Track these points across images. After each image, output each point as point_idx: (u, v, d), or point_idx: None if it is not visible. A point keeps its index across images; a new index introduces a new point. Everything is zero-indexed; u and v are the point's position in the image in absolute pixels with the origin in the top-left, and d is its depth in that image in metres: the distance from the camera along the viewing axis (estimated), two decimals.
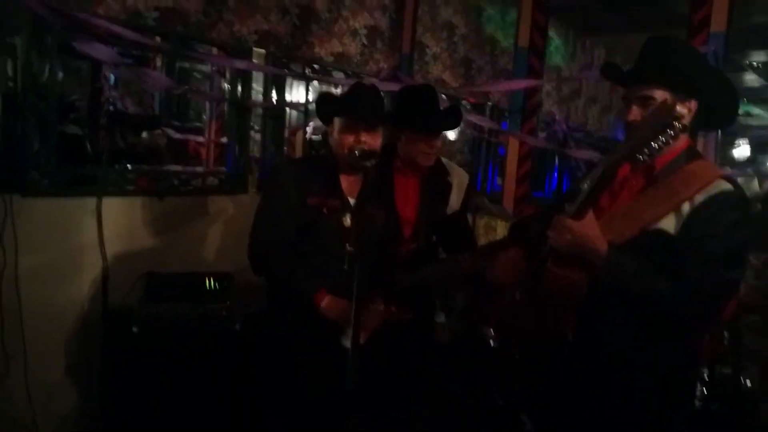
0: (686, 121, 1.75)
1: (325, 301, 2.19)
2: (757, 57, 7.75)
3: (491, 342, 2.48)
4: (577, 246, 1.66)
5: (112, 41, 3.00)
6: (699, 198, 1.66)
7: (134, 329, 2.64)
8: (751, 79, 8.72)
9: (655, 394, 1.78)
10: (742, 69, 8.14)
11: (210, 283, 2.92)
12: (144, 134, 4.01)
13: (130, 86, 4.30)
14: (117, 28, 2.93)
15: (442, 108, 2.77)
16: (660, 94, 1.71)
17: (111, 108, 3.92)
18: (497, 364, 2.78)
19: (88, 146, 3.48)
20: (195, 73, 4.72)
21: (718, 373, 2.53)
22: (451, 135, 5.20)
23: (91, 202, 2.83)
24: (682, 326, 1.77)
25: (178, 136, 4.41)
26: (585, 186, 1.65)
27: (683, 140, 1.79)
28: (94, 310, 2.97)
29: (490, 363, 2.78)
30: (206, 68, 4.22)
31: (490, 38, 5.89)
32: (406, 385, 2.55)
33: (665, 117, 1.50)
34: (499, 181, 5.32)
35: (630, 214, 1.73)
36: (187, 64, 4.57)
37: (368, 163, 2.18)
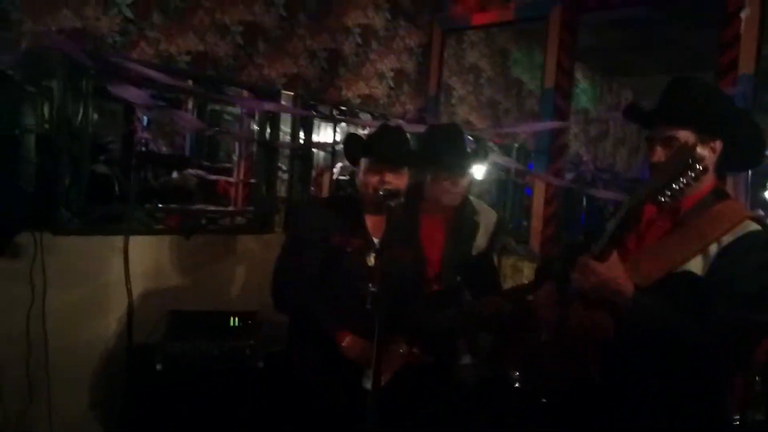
0: (710, 161, 1.73)
1: (347, 341, 2.19)
2: None
3: (517, 384, 2.42)
4: (602, 288, 1.64)
5: (146, 84, 3.10)
6: (727, 239, 1.64)
7: (158, 367, 2.65)
8: None
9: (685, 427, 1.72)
10: None
11: (234, 321, 2.93)
12: (174, 174, 4.10)
13: (163, 128, 4.42)
14: (150, 72, 3.03)
15: (468, 149, 2.78)
16: (684, 135, 1.70)
17: (143, 149, 4.02)
18: (522, 406, 2.72)
19: (117, 186, 3.56)
20: (225, 115, 4.83)
21: (750, 419, 2.44)
22: (479, 175, 5.21)
23: (118, 240, 2.87)
24: (710, 369, 1.72)
25: (208, 176, 4.49)
26: (609, 227, 1.63)
27: (710, 181, 1.77)
28: (118, 347, 2.99)
29: (515, 405, 2.71)
30: (236, 110, 4.32)
31: (516, 80, 5.95)
32: (428, 428, 2.50)
33: (686, 159, 1.48)
34: (525, 222, 5.28)
35: (656, 256, 1.70)
36: (217, 107, 4.69)
37: (393, 203, 2.20)
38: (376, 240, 2.33)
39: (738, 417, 2.48)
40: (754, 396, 2.64)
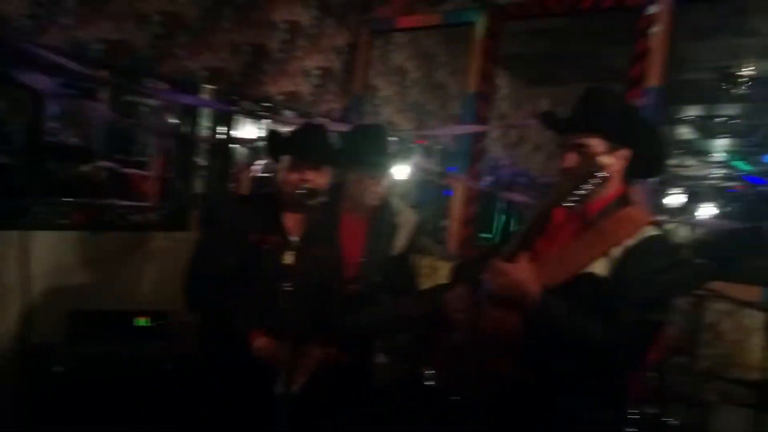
0: (617, 169, 1.82)
1: (260, 342, 2.15)
2: (692, 111, 8.16)
3: (431, 383, 2.46)
4: (511, 289, 1.70)
5: (56, 72, 2.95)
6: (628, 242, 1.72)
7: (55, 369, 2.51)
8: (685, 132, 9.16)
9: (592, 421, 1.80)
10: (677, 122, 8.55)
11: (143, 321, 2.83)
12: (85, 167, 3.91)
13: (74, 118, 4.21)
14: (60, 59, 2.88)
15: (391, 149, 2.80)
16: (593, 143, 1.77)
17: (49, 139, 3.81)
18: (436, 405, 2.76)
19: (17, 178, 3.36)
20: (142, 107, 4.65)
21: (645, 413, 2.58)
22: (401, 176, 5.26)
23: (20, 235, 2.73)
24: (611, 367, 1.81)
25: (121, 169, 4.32)
26: (519, 232, 1.69)
27: (616, 187, 1.85)
28: (14, 348, 2.82)
29: (429, 404, 2.75)
30: (155, 102, 4.18)
31: (440, 84, 6.04)
32: (343, 429, 2.50)
33: (589, 167, 1.55)
34: (445, 222, 5.37)
35: (563, 258, 1.77)
36: (134, 98, 4.51)
37: (312, 202, 2.19)
38: (294, 238, 2.31)
39: (635, 411, 2.62)
40: (650, 392, 2.79)
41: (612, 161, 1.78)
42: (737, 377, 3.27)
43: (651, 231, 1.74)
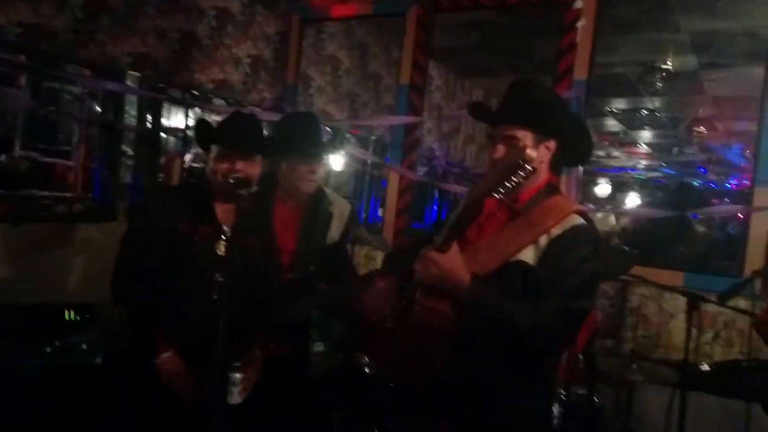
0: (544, 159, 1.86)
1: (165, 356, 2.13)
2: (617, 104, 8.48)
3: (366, 369, 2.47)
4: (442, 279, 1.71)
5: None
6: (555, 231, 1.76)
7: None
8: (612, 124, 9.51)
9: (520, 418, 1.84)
10: (603, 114, 8.86)
11: (69, 315, 2.73)
12: (2, 157, 3.71)
13: None
14: None
15: (324, 136, 2.79)
16: (521, 134, 1.80)
17: None
18: (372, 392, 2.78)
19: None
20: (65, 94, 4.46)
21: (574, 394, 2.67)
22: (337, 167, 5.24)
23: None
24: (538, 352, 1.86)
25: (42, 159, 4.13)
26: (449, 221, 1.71)
27: (544, 177, 1.90)
28: None
29: (365, 391, 2.76)
30: (76, 89, 4.01)
31: (374, 74, 6.04)
32: (282, 420, 2.48)
33: (517, 159, 1.58)
34: (380, 212, 5.40)
35: (493, 247, 1.80)
36: (56, 84, 4.31)
37: (243, 192, 2.15)
38: (225, 228, 2.26)
39: (564, 392, 2.71)
40: (578, 374, 2.90)
41: (539, 153, 1.82)
42: (661, 358, 3.43)
43: (576, 220, 1.79)
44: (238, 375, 2.15)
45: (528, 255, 1.76)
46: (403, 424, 2.19)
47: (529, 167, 1.57)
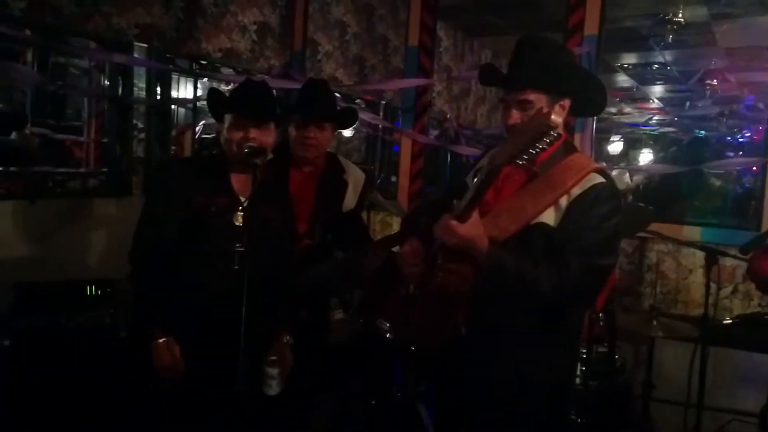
0: (561, 118, 1.84)
1: (158, 343, 2.11)
2: (628, 59, 8.33)
3: (387, 335, 2.49)
4: (463, 245, 1.70)
5: None
6: (575, 191, 1.74)
7: (5, 342, 2.44)
8: (622, 79, 9.36)
9: (544, 379, 1.85)
10: (614, 70, 8.72)
11: (91, 290, 2.75)
12: (13, 134, 3.71)
13: None
14: None
15: (329, 98, 2.75)
16: (536, 97, 1.78)
17: None
18: (394, 356, 2.80)
19: None
20: (71, 69, 4.42)
21: (594, 352, 2.69)
22: (347, 133, 5.22)
23: None
24: (563, 313, 1.86)
25: (54, 135, 4.12)
26: (470, 189, 1.69)
27: (560, 136, 1.87)
28: None
29: (386, 356, 2.80)
30: (84, 63, 3.98)
31: (382, 37, 5.95)
32: (304, 386, 2.51)
33: (541, 126, 1.56)
34: (394, 177, 5.38)
35: (513, 210, 1.79)
36: (62, 59, 4.28)
37: (258, 161, 2.14)
38: (242, 198, 2.26)
39: (585, 351, 2.72)
40: (598, 332, 2.91)
41: (559, 117, 1.80)
42: (680, 313, 3.44)
43: (596, 179, 1.77)
44: (275, 369, 2.16)
45: (549, 216, 1.75)
46: (423, 388, 2.21)
47: (554, 134, 1.55)
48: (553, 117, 1.62)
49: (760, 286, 2.62)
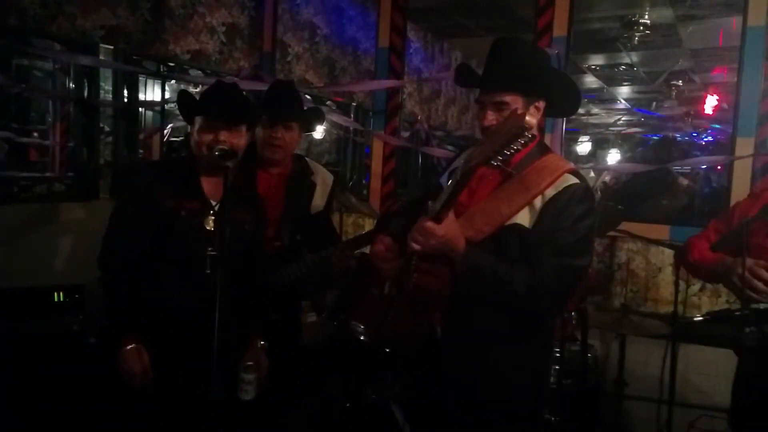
0: (536, 119, 1.85)
1: (127, 350, 2.08)
2: (596, 60, 8.45)
3: (362, 337, 2.47)
4: (440, 248, 1.70)
5: None
6: (549, 192, 1.75)
7: None
8: (590, 80, 9.49)
9: (520, 378, 1.87)
10: (582, 72, 8.83)
11: (58, 296, 2.69)
12: None
13: None
14: None
15: (293, 99, 2.75)
16: (511, 99, 1.79)
17: None
18: (368, 358, 2.79)
19: None
20: (35, 71, 4.32)
21: (567, 350, 2.71)
22: (318, 135, 5.19)
23: None
24: (538, 313, 1.87)
25: (18, 139, 4.02)
26: (444, 190, 1.69)
27: (534, 137, 1.88)
28: None
29: (361, 358, 2.79)
30: (48, 66, 3.89)
31: (352, 39, 5.94)
32: (278, 390, 2.49)
33: (517, 126, 1.56)
34: (365, 179, 5.38)
35: (488, 211, 1.79)
36: (25, 61, 4.17)
37: (229, 163, 2.11)
38: (213, 202, 2.23)
39: (558, 350, 2.75)
40: (571, 331, 2.94)
41: (534, 118, 1.81)
42: (650, 311, 3.49)
43: (570, 179, 1.78)
44: (251, 375, 2.14)
45: (524, 217, 1.76)
46: (399, 389, 2.21)
47: (528, 134, 1.56)
48: (528, 118, 1.63)
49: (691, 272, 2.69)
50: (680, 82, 9.33)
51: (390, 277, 1.93)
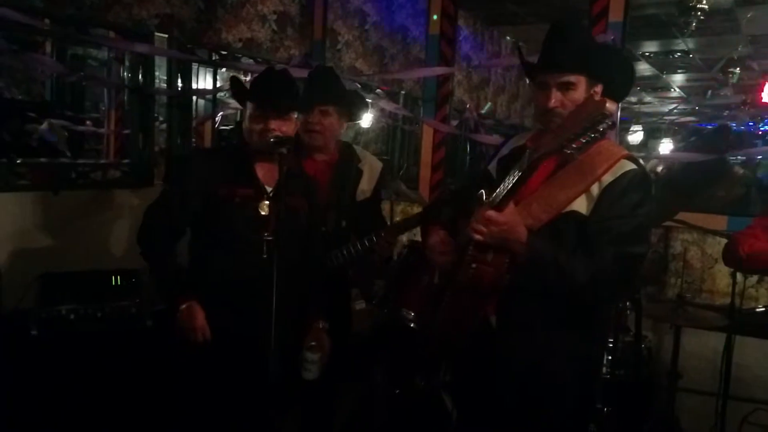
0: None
1: (182, 309, 2.14)
2: (650, 47, 8.21)
3: (411, 324, 2.48)
4: (502, 237, 1.66)
5: None
6: (606, 179, 1.72)
7: (33, 332, 2.46)
8: (644, 68, 9.23)
9: (573, 368, 1.83)
10: (636, 59, 8.59)
11: (115, 280, 2.76)
12: (45, 126, 3.72)
13: (15, 75, 3.98)
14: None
15: (334, 85, 2.75)
16: (577, 79, 1.75)
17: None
18: (418, 346, 2.79)
19: None
20: (89, 60, 4.43)
21: (621, 341, 2.66)
22: (365, 123, 5.19)
23: None
24: (596, 303, 1.83)
25: (75, 127, 4.14)
26: (505, 178, 1.65)
27: (614, 124, 1.85)
28: None
29: (410, 345, 2.78)
30: (102, 55, 3.99)
31: (401, 26, 5.91)
32: (329, 376, 2.51)
33: (597, 114, 1.50)
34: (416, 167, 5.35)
35: (545, 198, 1.75)
36: (80, 51, 4.29)
37: (283, 150, 2.12)
38: (268, 188, 2.25)
39: (611, 340, 2.70)
40: (625, 321, 2.88)
41: (613, 108, 1.75)
42: (705, 303, 3.39)
43: (627, 165, 1.74)
44: (316, 354, 2.17)
45: (581, 205, 1.72)
46: (449, 377, 2.19)
47: (608, 122, 1.50)
48: (609, 105, 1.58)
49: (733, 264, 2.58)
50: (738, 70, 8.99)
51: (442, 269, 1.91)
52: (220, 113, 4.58)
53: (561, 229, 1.73)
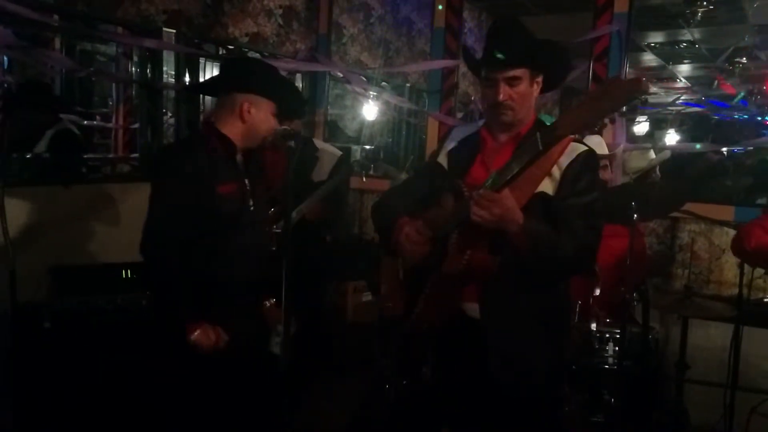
0: (536, 95, 1.94)
1: (197, 334, 2.06)
2: (655, 38, 8.17)
3: (386, 314, 2.50)
4: (502, 218, 1.73)
5: (4, 21, 2.79)
6: (564, 160, 1.84)
7: (46, 325, 2.49)
8: (649, 59, 9.19)
9: (548, 356, 1.95)
10: (641, 49, 8.55)
11: (126, 273, 2.79)
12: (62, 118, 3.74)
13: (25, 71, 4.01)
14: (10, 6, 2.72)
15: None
16: (521, 73, 1.86)
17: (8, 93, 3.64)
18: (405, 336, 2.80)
19: None
20: (98, 56, 4.46)
21: (628, 332, 2.68)
22: (371, 117, 5.20)
23: None
24: (577, 271, 2.04)
25: (83, 122, 4.17)
26: (515, 162, 1.76)
27: (534, 113, 1.98)
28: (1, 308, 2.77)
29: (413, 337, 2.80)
30: (110, 50, 4.01)
31: (406, 19, 5.91)
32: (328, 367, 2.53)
33: (637, 92, 1.60)
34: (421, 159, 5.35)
35: (521, 183, 1.82)
36: (88, 46, 4.32)
37: (291, 143, 2.14)
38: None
39: (618, 331, 2.72)
40: (632, 313, 2.90)
41: (535, 93, 1.93)
42: (712, 294, 3.40)
43: (580, 147, 1.87)
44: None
45: (547, 186, 1.85)
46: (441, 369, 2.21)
47: (643, 97, 1.61)
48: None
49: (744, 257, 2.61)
50: (744, 60, 8.94)
51: (414, 259, 1.94)
52: None
53: (535, 211, 1.82)
